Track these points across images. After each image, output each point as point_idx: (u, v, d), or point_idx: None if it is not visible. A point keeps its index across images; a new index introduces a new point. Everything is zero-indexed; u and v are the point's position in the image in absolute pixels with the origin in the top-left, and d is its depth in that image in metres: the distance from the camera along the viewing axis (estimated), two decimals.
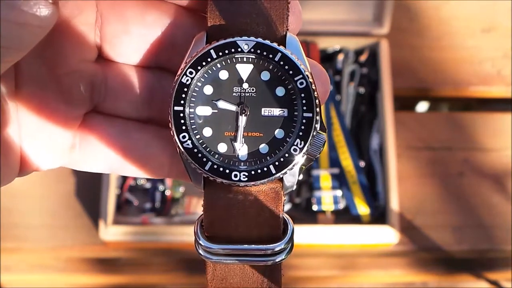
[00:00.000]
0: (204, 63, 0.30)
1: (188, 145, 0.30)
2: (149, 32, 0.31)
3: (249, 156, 0.30)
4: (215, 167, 0.30)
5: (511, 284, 0.92)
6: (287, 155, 0.30)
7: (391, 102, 0.91)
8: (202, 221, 0.31)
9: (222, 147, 0.31)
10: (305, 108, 0.30)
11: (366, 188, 0.89)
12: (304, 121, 0.30)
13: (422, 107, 1.11)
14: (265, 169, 0.30)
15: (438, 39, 1.00)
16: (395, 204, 0.85)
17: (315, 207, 0.88)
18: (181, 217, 0.88)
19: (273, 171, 0.30)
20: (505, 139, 0.94)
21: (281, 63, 0.30)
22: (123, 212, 0.88)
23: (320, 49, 0.95)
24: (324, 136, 0.30)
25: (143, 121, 0.33)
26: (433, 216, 0.91)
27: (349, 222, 0.87)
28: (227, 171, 0.30)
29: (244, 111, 0.30)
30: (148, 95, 0.33)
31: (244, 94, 0.30)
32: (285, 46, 0.30)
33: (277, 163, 0.30)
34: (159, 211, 0.88)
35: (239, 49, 0.30)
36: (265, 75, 0.30)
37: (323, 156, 0.90)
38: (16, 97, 0.30)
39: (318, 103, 0.30)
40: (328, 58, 0.96)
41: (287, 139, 0.30)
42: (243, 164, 0.30)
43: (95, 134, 0.32)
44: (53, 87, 0.31)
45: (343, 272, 0.93)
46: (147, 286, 0.96)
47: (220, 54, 0.30)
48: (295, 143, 0.30)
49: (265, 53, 0.30)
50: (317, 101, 0.30)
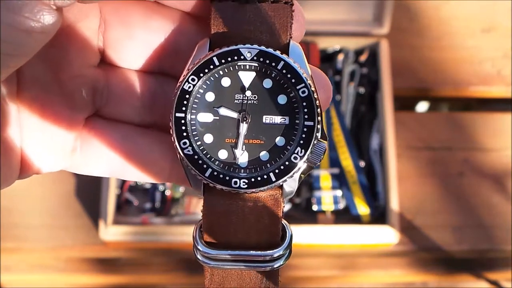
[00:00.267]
0: (206, 70, 0.30)
1: (188, 151, 0.30)
2: (152, 37, 0.31)
3: (250, 163, 0.31)
4: (215, 173, 0.30)
5: (511, 284, 0.92)
6: (287, 163, 0.30)
7: (391, 102, 0.91)
8: (201, 226, 0.31)
9: (222, 154, 0.31)
10: (306, 116, 0.30)
11: (366, 188, 0.89)
12: (305, 129, 0.30)
13: (422, 107, 1.11)
14: (265, 177, 0.30)
15: (438, 39, 1.00)
16: (395, 204, 0.85)
17: (315, 207, 0.88)
18: (181, 217, 0.88)
19: (273, 179, 0.30)
20: (505, 139, 0.94)
21: (284, 71, 0.30)
22: (123, 212, 0.88)
23: (320, 49, 0.95)
24: (325, 144, 0.30)
25: (145, 126, 0.33)
26: (433, 216, 0.91)
27: (349, 222, 0.87)
28: (227, 178, 0.30)
29: (245, 118, 0.30)
30: (150, 100, 0.33)
31: (245, 101, 0.30)
32: (288, 54, 0.30)
33: (277, 171, 0.30)
34: (159, 211, 0.89)
35: (242, 57, 0.30)
36: (267, 83, 0.30)
37: None
38: (18, 99, 0.30)
39: (319, 112, 0.30)
40: (328, 58, 0.96)
41: (288, 147, 0.30)
42: (243, 171, 0.30)
43: (97, 138, 0.32)
44: (56, 91, 0.31)
45: (343, 272, 0.93)
46: (147, 286, 0.96)
47: (222, 61, 0.30)
48: (296, 151, 0.30)
49: (268, 61, 0.30)
50: (318, 109, 0.30)
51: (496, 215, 0.90)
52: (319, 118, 0.30)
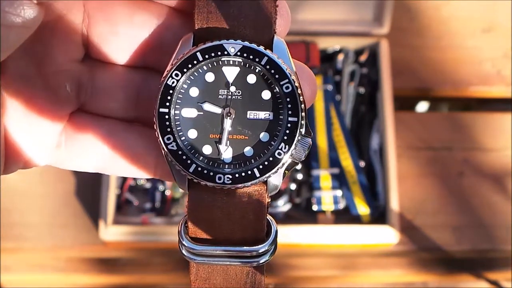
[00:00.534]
0: (190, 66, 0.30)
1: (172, 147, 0.30)
2: (137, 32, 0.31)
3: (234, 159, 0.31)
4: (199, 169, 0.30)
5: (511, 284, 0.92)
6: (271, 159, 0.30)
7: (391, 102, 0.91)
8: (186, 222, 0.31)
9: (207, 149, 0.31)
10: (290, 112, 0.30)
11: (366, 188, 0.89)
12: (289, 125, 0.30)
13: (422, 107, 1.11)
14: (249, 172, 0.30)
15: (438, 39, 1.00)
16: (395, 204, 0.85)
17: (315, 207, 0.88)
18: (181, 217, 0.88)
19: (257, 175, 0.30)
20: (505, 139, 0.94)
21: (267, 67, 0.30)
22: (123, 212, 0.88)
23: (320, 49, 0.95)
24: (309, 139, 0.30)
25: (130, 120, 0.33)
26: (433, 216, 0.91)
27: (349, 222, 0.87)
28: (211, 174, 0.30)
29: (229, 114, 0.30)
30: (135, 95, 0.33)
31: (230, 96, 0.30)
32: (272, 49, 0.30)
33: (261, 167, 0.30)
34: (159, 211, 0.89)
35: (226, 52, 0.30)
36: (251, 78, 0.30)
37: (323, 156, 0.90)
38: (0, 94, 0.30)
39: (303, 108, 0.30)
40: (328, 58, 0.96)
41: (272, 142, 0.30)
42: (227, 166, 0.30)
43: (82, 133, 0.32)
44: (39, 85, 0.31)
45: (343, 272, 0.93)
46: (147, 286, 0.96)
47: (206, 56, 0.30)
48: (280, 147, 0.30)
49: (252, 57, 0.30)
50: (302, 105, 0.30)
51: (496, 215, 0.90)
52: (303, 113, 0.30)
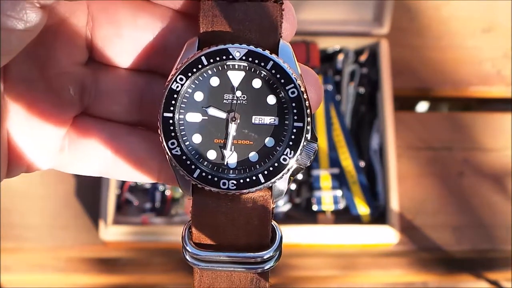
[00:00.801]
0: (195, 70, 0.30)
1: (177, 151, 0.30)
2: (141, 35, 0.31)
3: (239, 164, 0.30)
4: (204, 174, 0.30)
5: (511, 284, 0.92)
6: (276, 164, 0.30)
7: (391, 102, 0.91)
8: (190, 227, 0.31)
9: (211, 154, 0.30)
10: (296, 117, 0.30)
11: (366, 188, 0.88)
12: (294, 130, 0.30)
13: (422, 107, 1.11)
14: (254, 178, 0.30)
15: (438, 39, 1.00)
16: (395, 204, 0.85)
17: (315, 207, 0.88)
18: (181, 217, 0.88)
19: (262, 180, 0.30)
20: (505, 139, 0.94)
21: (273, 71, 0.29)
22: (123, 212, 0.88)
23: (320, 49, 0.95)
24: (315, 145, 0.30)
25: (134, 124, 0.33)
26: (433, 216, 0.91)
27: (349, 222, 0.87)
28: (216, 179, 0.30)
29: (234, 119, 0.30)
30: (138, 98, 0.32)
31: (235, 101, 0.30)
32: (277, 54, 0.30)
33: (266, 172, 0.30)
34: (159, 211, 0.88)
35: (231, 56, 0.29)
36: (257, 83, 0.30)
37: (323, 156, 0.90)
38: (3, 97, 0.29)
39: (309, 113, 0.30)
40: (328, 58, 0.96)
41: (277, 148, 0.30)
42: (232, 172, 0.30)
43: (85, 136, 0.32)
44: (43, 88, 0.30)
45: (343, 272, 0.93)
46: (147, 286, 0.96)
47: (211, 61, 0.29)
48: (285, 153, 0.30)
49: (257, 61, 0.29)
50: (308, 110, 0.30)
51: (496, 215, 0.90)
52: (309, 119, 0.30)
